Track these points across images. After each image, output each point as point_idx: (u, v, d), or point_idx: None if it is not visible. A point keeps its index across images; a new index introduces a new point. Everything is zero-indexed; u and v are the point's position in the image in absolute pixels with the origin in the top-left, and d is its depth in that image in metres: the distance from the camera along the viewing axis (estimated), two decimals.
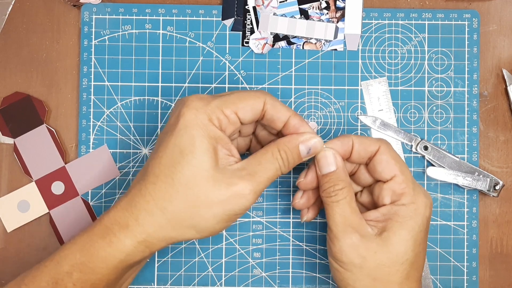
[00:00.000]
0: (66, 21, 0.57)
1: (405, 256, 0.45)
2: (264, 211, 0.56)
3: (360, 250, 0.45)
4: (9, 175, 0.56)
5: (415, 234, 0.46)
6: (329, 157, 0.47)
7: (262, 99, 0.46)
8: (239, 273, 0.56)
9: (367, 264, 0.45)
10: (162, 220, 0.44)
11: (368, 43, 0.57)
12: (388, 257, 0.45)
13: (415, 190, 0.47)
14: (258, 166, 0.45)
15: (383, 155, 0.47)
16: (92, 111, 0.56)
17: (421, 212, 0.46)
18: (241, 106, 0.45)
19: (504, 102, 0.57)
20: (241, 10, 0.56)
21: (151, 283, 0.55)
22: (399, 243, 0.45)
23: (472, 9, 0.57)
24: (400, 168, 0.47)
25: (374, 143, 0.48)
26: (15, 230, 0.56)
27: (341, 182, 0.46)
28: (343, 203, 0.46)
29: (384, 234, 0.46)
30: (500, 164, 0.56)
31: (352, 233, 0.45)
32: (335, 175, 0.47)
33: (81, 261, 0.45)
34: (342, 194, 0.46)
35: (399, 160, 0.47)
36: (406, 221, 0.46)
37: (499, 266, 0.56)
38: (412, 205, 0.46)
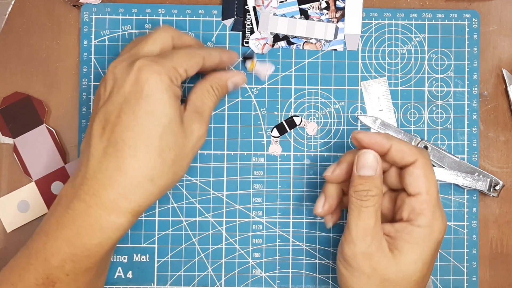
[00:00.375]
0: (66, 21, 0.57)
1: (413, 277, 0.46)
2: (264, 211, 0.56)
3: (372, 261, 0.45)
4: (9, 175, 0.56)
5: (426, 257, 0.46)
6: (371, 161, 0.46)
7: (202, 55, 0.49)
8: (239, 273, 0.56)
9: (376, 275, 0.45)
10: (152, 189, 0.45)
11: (368, 43, 0.56)
12: (397, 276, 0.45)
13: (434, 214, 0.46)
14: (202, 105, 0.49)
15: (416, 169, 0.46)
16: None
17: (435, 237, 0.46)
18: (189, 65, 0.48)
19: (504, 102, 0.57)
20: (241, 10, 0.56)
21: (151, 283, 0.55)
22: (409, 265, 0.45)
23: (472, 9, 0.57)
24: (428, 187, 0.46)
25: (413, 154, 0.46)
26: (15, 230, 0.56)
27: (375, 188, 0.46)
28: (371, 210, 0.46)
29: (396, 252, 0.46)
30: (500, 164, 0.56)
31: (370, 243, 0.45)
32: (372, 180, 0.46)
33: (72, 253, 0.44)
34: (373, 201, 0.46)
35: (431, 178, 0.46)
36: (419, 244, 0.45)
37: (499, 266, 0.56)
38: (428, 229, 0.46)
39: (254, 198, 0.56)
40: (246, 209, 0.56)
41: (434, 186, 0.46)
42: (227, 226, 0.56)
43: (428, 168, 0.46)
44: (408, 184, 0.46)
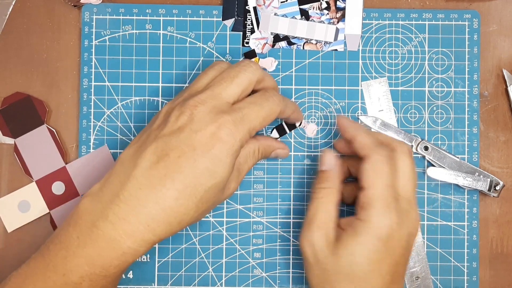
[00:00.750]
0: (67, 21, 0.57)
1: (349, 270, 0.45)
2: (265, 211, 0.56)
3: (314, 248, 0.47)
4: (9, 175, 0.56)
5: (364, 251, 0.45)
6: (326, 158, 0.51)
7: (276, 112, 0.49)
8: (239, 273, 0.56)
9: (317, 264, 0.47)
10: (176, 228, 0.45)
11: (369, 44, 0.57)
12: (333, 266, 0.46)
13: (375, 208, 0.46)
14: (244, 164, 0.49)
15: (366, 164, 0.47)
16: (93, 111, 0.56)
17: (376, 232, 0.45)
18: (263, 125, 0.48)
19: (505, 102, 0.57)
20: (241, 10, 0.56)
21: (152, 283, 0.55)
22: (345, 256, 0.46)
23: (473, 9, 0.57)
24: (373, 181, 0.47)
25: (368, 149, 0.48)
26: (16, 230, 0.56)
27: (326, 182, 0.49)
28: (319, 202, 0.48)
29: (336, 243, 0.46)
30: (501, 165, 0.57)
31: (313, 231, 0.47)
32: (325, 174, 0.50)
33: (90, 272, 0.44)
34: (322, 193, 0.49)
35: (381, 173, 0.47)
36: (356, 235, 0.46)
37: (499, 266, 0.56)
38: (366, 223, 0.46)
39: (254, 198, 0.56)
40: (247, 209, 0.56)
41: (381, 181, 0.47)
42: (227, 226, 0.56)
43: (380, 164, 0.47)
44: (360, 178, 0.48)
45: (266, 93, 0.48)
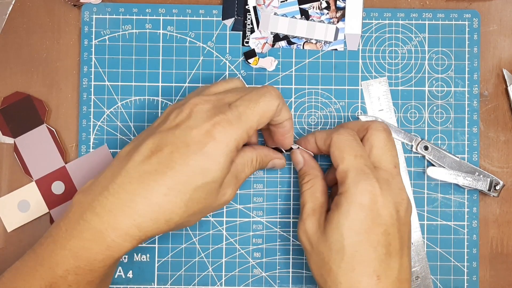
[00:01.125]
0: (67, 21, 0.57)
1: (338, 244, 0.45)
2: (264, 211, 0.56)
3: (308, 236, 0.48)
4: (9, 175, 0.56)
5: (349, 222, 0.45)
6: (296, 157, 0.53)
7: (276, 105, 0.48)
8: (239, 273, 0.56)
9: (314, 251, 0.48)
10: (164, 227, 0.45)
11: (369, 43, 0.57)
12: (325, 245, 0.46)
13: (353, 178, 0.46)
14: (242, 172, 0.49)
15: (331, 148, 0.49)
16: (93, 111, 0.56)
17: (355, 199, 0.46)
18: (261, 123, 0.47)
19: (505, 102, 0.57)
20: (241, 10, 0.56)
21: (151, 283, 0.55)
22: (331, 231, 0.46)
23: (473, 9, 0.57)
24: (342, 157, 0.48)
25: (328, 136, 0.50)
26: (15, 230, 0.56)
27: (307, 176, 0.52)
28: (305, 194, 0.51)
29: (325, 223, 0.47)
30: (501, 164, 0.56)
31: (305, 220, 0.49)
32: (302, 171, 0.53)
33: (76, 266, 0.44)
34: (306, 186, 0.51)
35: (344, 148, 0.48)
36: (338, 208, 0.46)
37: (499, 266, 0.56)
38: (346, 193, 0.46)
39: (254, 197, 0.56)
40: (247, 208, 0.56)
41: (348, 155, 0.48)
42: (227, 225, 0.56)
43: (342, 141, 0.49)
44: (333, 162, 0.49)
45: (263, 89, 0.48)
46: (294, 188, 0.56)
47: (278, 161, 0.53)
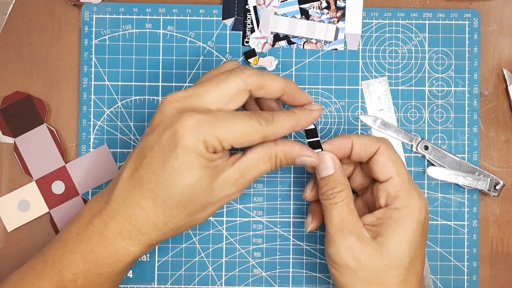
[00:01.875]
0: (67, 20, 0.57)
1: (399, 261, 0.45)
2: (265, 210, 0.56)
3: (355, 252, 0.45)
4: (9, 175, 0.56)
5: (410, 238, 0.45)
6: (327, 161, 0.48)
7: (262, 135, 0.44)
8: (239, 273, 0.56)
9: (362, 267, 0.45)
10: (165, 229, 0.45)
11: (369, 43, 0.57)
12: (383, 262, 0.45)
13: (409, 193, 0.46)
14: (253, 170, 0.45)
15: (381, 156, 0.47)
16: (93, 111, 0.56)
17: (415, 215, 0.46)
18: (239, 142, 0.44)
19: (505, 101, 0.57)
20: (241, 9, 0.56)
21: (151, 283, 0.55)
22: (393, 248, 0.45)
23: (473, 8, 0.57)
24: (397, 170, 0.47)
25: (374, 144, 0.48)
26: (15, 229, 0.56)
27: (339, 184, 0.47)
28: (341, 205, 0.47)
29: (379, 239, 0.46)
30: (501, 164, 0.56)
31: (348, 236, 0.46)
32: (333, 177, 0.48)
33: (85, 269, 0.45)
34: (340, 196, 0.47)
35: (398, 161, 0.47)
36: (399, 225, 0.45)
37: (499, 266, 0.56)
38: (406, 209, 0.46)
39: (254, 197, 0.56)
40: (247, 208, 0.56)
41: (402, 168, 0.47)
42: (227, 225, 0.56)
43: (392, 153, 0.47)
44: (377, 172, 0.47)
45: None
46: (294, 188, 0.56)
47: (308, 159, 0.47)
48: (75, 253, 0.45)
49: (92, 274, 0.45)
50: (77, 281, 0.45)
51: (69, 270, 0.45)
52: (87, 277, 0.45)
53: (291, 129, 0.46)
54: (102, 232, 0.45)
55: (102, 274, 0.45)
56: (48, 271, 0.45)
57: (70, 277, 0.45)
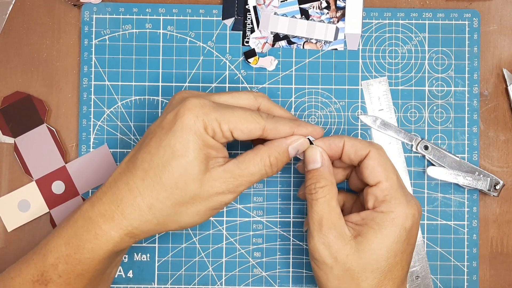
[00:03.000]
0: (67, 20, 0.57)
1: (375, 265, 0.45)
2: (265, 210, 0.56)
3: (332, 250, 0.45)
4: (9, 175, 0.56)
5: (390, 244, 0.45)
6: (315, 155, 0.48)
7: (262, 126, 0.46)
8: (239, 273, 0.56)
9: (338, 265, 0.45)
10: (148, 215, 0.45)
11: (369, 43, 0.57)
12: (358, 263, 0.45)
13: (397, 199, 0.46)
14: (245, 170, 0.46)
15: (371, 160, 0.47)
16: (93, 111, 0.56)
17: (399, 222, 0.45)
18: (239, 128, 0.45)
19: (505, 101, 0.57)
20: (241, 9, 0.56)
21: (151, 283, 0.55)
22: (371, 251, 0.45)
23: (473, 8, 0.57)
24: (386, 175, 0.47)
25: (365, 147, 0.47)
26: (16, 229, 0.56)
27: (323, 180, 0.47)
28: (322, 202, 0.46)
29: (359, 238, 0.45)
30: (501, 164, 0.56)
31: (326, 232, 0.46)
32: (318, 172, 0.48)
33: (66, 254, 0.45)
34: (322, 192, 0.47)
35: (387, 166, 0.47)
36: (381, 229, 0.45)
37: (499, 265, 0.56)
38: (390, 214, 0.45)
39: (254, 197, 0.56)
40: (247, 208, 0.56)
41: (391, 173, 0.47)
42: (227, 225, 0.56)
43: (382, 158, 0.47)
44: (366, 176, 0.47)
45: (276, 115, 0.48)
46: (294, 188, 0.56)
47: (297, 144, 0.48)
48: (60, 237, 0.46)
49: (73, 260, 0.45)
50: (59, 266, 0.45)
51: (52, 254, 0.45)
52: (68, 262, 0.45)
53: (290, 130, 0.47)
54: (88, 214, 0.45)
55: (82, 261, 0.45)
56: (34, 257, 0.46)
57: (52, 261, 0.45)
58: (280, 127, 0.47)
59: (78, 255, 0.45)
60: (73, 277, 0.45)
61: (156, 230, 0.46)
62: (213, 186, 0.45)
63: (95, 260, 0.46)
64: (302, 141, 0.48)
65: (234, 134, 0.46)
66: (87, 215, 0.46)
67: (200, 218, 0.47)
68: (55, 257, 0.45)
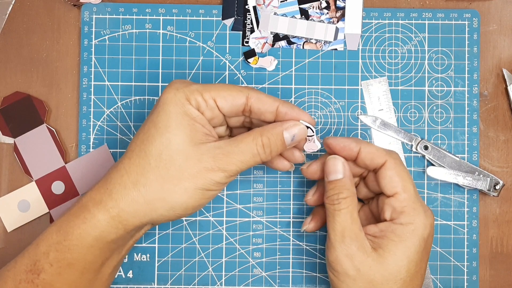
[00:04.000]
0: (66, 20, 0.57)
1: (398, 276, 0.45)
2: (264, 210, 0.56)
3: (355, 262, 0.45)
4: (9, 175, 0.56)
5: (411, 254, 0.45)
6: (337, 165, 0.47)
7: (245, 93, 0.46)
8: (239, 273, 0.56)
9: (361, 277, 0.45)
10: (134, 193, 0.45)
11: (368, 43, 0.57)
12: (382, 274, 0.45)
13: (415, 210, 0.46)
14: (235, 148, 0.45)
15: (388, 171, 0.47)
16: (92, 111, 0.56)
17: (419, 233, 0.46)
18: (221, 95, 0.46)
19: (504, 101, 0.57)
20: (241, 9, 0.56)
21: (151, 283, 0.55)
22: (393, 262, 0.45)
23: (472, 8, 0.57)
24: (404, 185, 0.47)
25: (382, 156, 0.47)
26: (15, 230, 0.56)
27: (346, 190, 0.47)
28: (345, 213, 0.46)
29: (380, 251, 0.46)
30: (500, 164, 0.56)
31: (349, 244, 0.45)
32: (341, 183, 0.47)
33: (57, 241, 0.45)
34: (345, 203, 0.46)
35: (405, 176, 0.47)
36: (402, 241, 0.45)
37: (499, 265, 0.56)
38: (410, 226, 0.46)
39: (254, 197, 0.56)
40: (247, 208, 0.56)
41: (409, 184, 0.47)
42: (227, 225, 0.56)
43: (400, 167, 0.47)
44: (384, 186, 0.47)
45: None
46: (294, 188, 0.56)
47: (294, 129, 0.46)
48: (54, 225, 0.46)
49: (62, 247, 0.45)
50: (50, 254, 0.45)
51: (44, 242, 0.45)
52: (58, 249, 0.45)
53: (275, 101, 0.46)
54: (81, 201, 0.46)
55: (71, 249, 0.45)
56: (29, 247, 0.46)
57: (44, 249, 0.45)
58: (264, 98, 0.46)
59: (67, 241, 0.45)
60: (64, 266, 0.45)
61: (145, 211, 0.45)
62: (201, 161, 0.44)
63: (83, 248, 0.45)
64: (300, 127, 0.46)
65: (217, 102, 0.46)
66: (80, 201, 0.46)
67: (190, 198, 0.45)
68: (46, 245, 0.45)
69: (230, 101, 0.46)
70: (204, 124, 0.46)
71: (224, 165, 0.44)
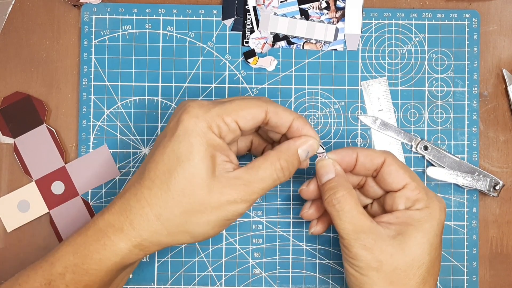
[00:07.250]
0: (66, 21, 0.57)
1: (421, 260, 0.45)
2: (264, 211, 0.56)
3: (375, 253, 0.45)
4: (9, 175, 0.56)
5: (431, 237, 0.46)
6: (327, 166, 0.48)
7: (264, 108, 0.46)
8: (239, 273, 0.56)
9: (384, 267, 0.45)
10: (157, 225, 0.44)
11: (368, 43, 0.57)
12: (405, 261, 0.45)
13: (428, 195, 0.47)
14: (255, 176, 0.45)
15: (391, 166, 0.47)
16: (92, 111, 0.56)
17: (436, 216, 0.46)
18: (242, 115, 0.45)
19: (504, 102, 0.57)
20: (241, 10, 0.56)
21: (151, 283, 0.55)
22: (415, 246, 0.45)
23: (472, 9, 0.57)
24: (410, 175, 0.47)
25: (380, 155, 0.48)
26: (15, 230, 0.56)
27: (341, 187, 0.46)
28: (348, 210, 0.46)
29: (399, 238, 0.45)
30: (500, 164, 0.56)
31: (365, 238, 0.45)
32: (334, 181, 0.47)
33: (74, 263, 0.45)
34: (345, 201, 0.46)
35: (407, 168, 0.48)
36: (422, 224, 0.46)
37: (499, 266, 0.56)
38: (427, 209, 0.46)
39: None
40: None
41: (414, 174, 0.48)
42: None
43: (399, 161, 0.48)
44: (391, 181, 0.47)
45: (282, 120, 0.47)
46: (294, 188, 0.56)
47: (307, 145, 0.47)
48: (69, 245, 0.45)
49: (80, 270, 0.45)
50: (66, 275, 0.45)
51: (60, 262, 0.45)
52: (75, 272, 0.45)
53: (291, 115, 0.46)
54: (98, 225, 0.45)
55: (89, 272, 0.45)
56: (43, 264, 0.46)
57: (60, 270, 0.45)
58: (281, 112, 0.46)
59: (85, 265, 0.45)
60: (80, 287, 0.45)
61: (167, 242, 0.45)
62: (223, 193, 0.44)
63: (102, 271, 0.45)
64: (311, 142, 0.47)
65: (239, 123, 0.45)
66: (97, 225, 0.45)
67: (212, 229, 0.45)
68: (63, 266, 0.45)
69: (250, 120, 0.45)
70: (225, 150, 0.45)
71: (247, 196, 0.44)
